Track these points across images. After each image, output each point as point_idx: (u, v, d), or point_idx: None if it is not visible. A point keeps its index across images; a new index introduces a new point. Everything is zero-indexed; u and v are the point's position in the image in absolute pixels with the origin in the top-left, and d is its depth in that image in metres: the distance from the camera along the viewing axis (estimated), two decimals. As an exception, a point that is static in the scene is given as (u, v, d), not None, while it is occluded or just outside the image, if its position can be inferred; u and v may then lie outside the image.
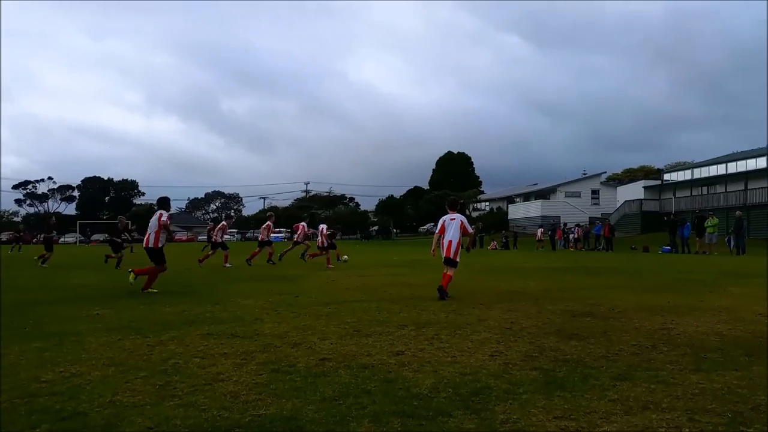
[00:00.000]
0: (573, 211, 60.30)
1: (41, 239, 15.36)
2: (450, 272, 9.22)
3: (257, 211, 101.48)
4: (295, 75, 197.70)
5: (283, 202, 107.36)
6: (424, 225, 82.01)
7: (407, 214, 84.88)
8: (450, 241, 9.22)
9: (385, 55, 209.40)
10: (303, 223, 21.40)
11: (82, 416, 3.47)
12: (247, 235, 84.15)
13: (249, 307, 8.31)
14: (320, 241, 18.86)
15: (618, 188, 63.03)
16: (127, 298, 9.56)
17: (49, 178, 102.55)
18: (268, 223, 20.59)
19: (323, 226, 19.46)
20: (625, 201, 54.09)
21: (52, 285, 12.08)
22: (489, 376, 4.32)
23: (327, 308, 8.08)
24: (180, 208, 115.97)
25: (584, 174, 70.67)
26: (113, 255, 18.81)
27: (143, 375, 4.43)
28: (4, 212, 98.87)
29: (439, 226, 9.44)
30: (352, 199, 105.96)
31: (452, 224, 9.29)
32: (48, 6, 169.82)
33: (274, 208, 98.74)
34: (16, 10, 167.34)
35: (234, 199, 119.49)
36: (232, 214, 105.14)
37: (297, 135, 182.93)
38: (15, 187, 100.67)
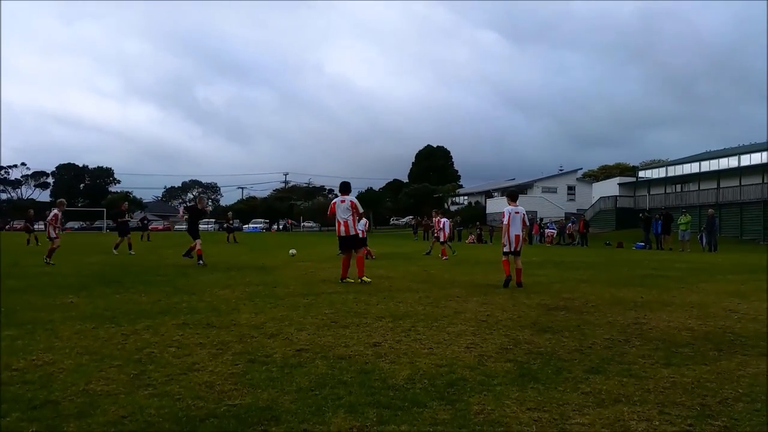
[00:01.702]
0: (549, 206, 60.93)
1: (58, 227, 15.16)
2: (520, 263, 9.91)
3: (236, 201, 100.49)
4: (272, 66, 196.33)
5: (262, 192, 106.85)
6: (402, 218, 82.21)
7: (386, 207, 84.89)
8: (517, 236, 9.87)
9: (362, 46, 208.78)
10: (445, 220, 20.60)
11: (54, 405, 3.43)
12: (225, 225, 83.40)
13: (225, 297, 8.26)
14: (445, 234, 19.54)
15: (593, 184, 63.84)
16: (101, 286, 9.43)
17: (22, 164, 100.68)
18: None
19: (445, 220, 20.15)
20: (601, 197, 54.82)
21: (24, 273, 11.86)
22: (464, 368, 4.36)
23: (304, 299, 8.07)
24: (156, 197, 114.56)
25: (561, 170, 71.46)
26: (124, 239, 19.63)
27: (117, 364, 4.38)
28: None
29: (510, 219, 9.87)
30: (331, 190, 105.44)
31: (517, 217, 9.89)
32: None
33: (252, 199, 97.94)
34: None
35: (212, 189, 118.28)
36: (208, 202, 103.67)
37: (276, 126, 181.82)
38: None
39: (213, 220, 75.92)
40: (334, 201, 10.42)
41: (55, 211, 15.25)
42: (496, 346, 5.17)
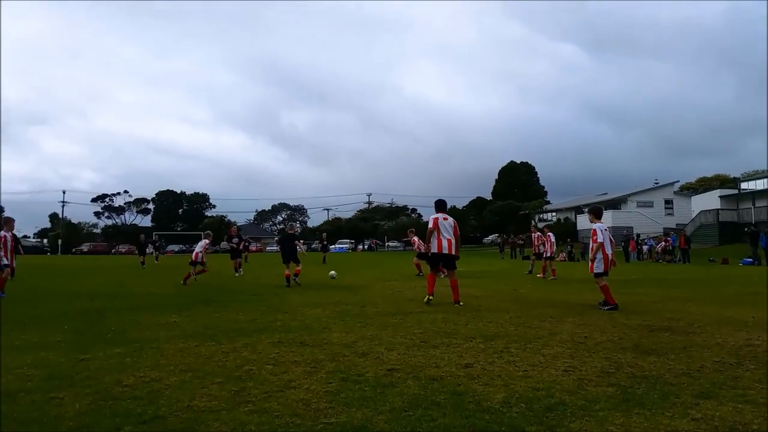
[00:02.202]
0: (646, 221, 57.95)
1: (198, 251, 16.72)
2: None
3: (322, 222, 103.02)
4: (352, 88, 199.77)
5: (346, 213, 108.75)
6: (487, 236, 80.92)
7: (470, 224, 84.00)
8: (611, 253, 9.59)
9: (439, 65, 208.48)
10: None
11: (162, 420, 3.60)
12: (312, 246, 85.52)
13: (316, 316, 8.43)
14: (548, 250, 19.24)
15: (693, 198, 60.13)
16: (201, 305, 9.90)
17: (125, 191, 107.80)
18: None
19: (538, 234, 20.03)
20: (701, 211, 51.55)
21: (130, 293, 12.67)
22: (563, 392, 4.18)
23: (393, 318, 8.09)
24: (249, 220, 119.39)
25: (656, 183, 67.87)
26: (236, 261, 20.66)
27: (219, 381, 4.56)
28: (85, 224, 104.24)
29: (603, 237, 9.52)
30: (414, 209, 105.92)
31: (606, 234, 9.61)
32: (110, 26, 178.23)
33: (337, 220, 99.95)
34: (87, 32, 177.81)
35: (299, 211, 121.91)
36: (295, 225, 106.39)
37: (358, 147, 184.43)
38: (93, 200, 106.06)
39: (302, 241, 78.02)
40: (435, 217, 10.11)
41: (206, 241, 17.29)
42: (597, 369, 4.93)
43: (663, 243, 37.46)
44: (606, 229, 9.63)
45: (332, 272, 16.91)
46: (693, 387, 4.33)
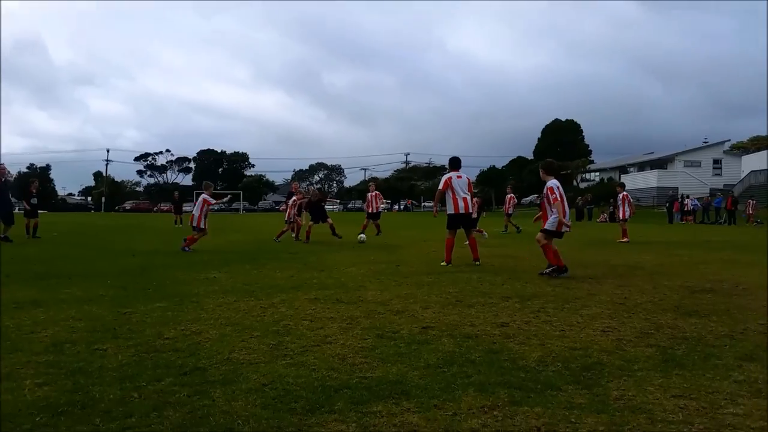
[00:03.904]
0: (692, 181, 56.16)
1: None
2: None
3: (358, 182, 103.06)
4: (393, 47, 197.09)
5: (383, 173, 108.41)
6: (527, 196, 79.85)
7: (509, 184, 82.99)
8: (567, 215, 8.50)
9: (485, 20, 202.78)
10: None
11: (202, 371, 3.70)
12: (349, 205, 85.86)
13: (352, 274, 8.51)
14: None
15: (743, 157, 57.77)
16: (239, 263, 10.10)
17: (167, 150, 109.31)
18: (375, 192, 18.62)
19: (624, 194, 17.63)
20: (751, 171, 49.59)
21: (170, 250, 12.99)
22: (601, 352, 4.13)
23: (428, 278, 8.10)
24: (286, 179, 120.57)
25: (705, 142, 65.50)
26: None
27: (257, 335, 4.66)
28: (128, 182, 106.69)
29: (558, 193, 8.32)
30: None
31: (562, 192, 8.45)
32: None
33: (374, 179, 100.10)
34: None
35: (336, 171, 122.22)
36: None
37: (397, 107, 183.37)
38: (136, 159, 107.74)
39: (337, 200, 78.42)
40: (449, 176, 9.73)
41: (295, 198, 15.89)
42: (636, 330, 4.84)
43: (697, 203, 36.25)
44: (559, 187, 8.42)
45: (362, 236, 16.00)
46: (735, 349, 4.22)
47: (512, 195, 21.90)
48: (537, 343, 4.42)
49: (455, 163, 10.12)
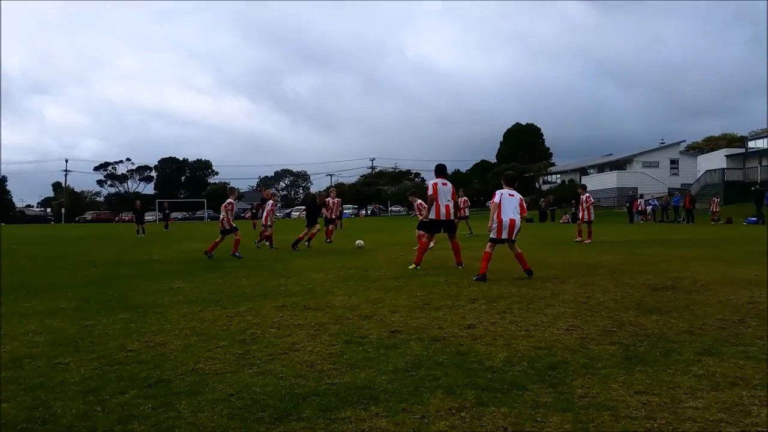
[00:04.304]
0: (651, 181, 57.65)
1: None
2: (518, 249, 8.66)
3: (325, 188, 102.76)
4: (354, 51, 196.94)
5: (350, 179, 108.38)
6: (491, 200, 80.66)
7: (474, 188, 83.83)
8: (513, 221, 8.44)
9: (443, 26, 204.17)
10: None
11: (167, 383, 3.63)
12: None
13: (320, 280, 8.46)
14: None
15: (698, 157, 59.60)
16: (204, 272, 9.94)
17: (128, 159, 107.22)
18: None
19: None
20: (707, 171, 51.18)
21: (133, 260, 12.73)
22: (565, 351, 4.21)
23: (396, 282, 8.11)
24: (252, 186, 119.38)
25: (662, 143, 67.30)
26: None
27: (223, 344, 4.59)
28: (88, 193, 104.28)
29: (501, 200, 8.46)
30: (417, 174, 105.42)
31: (512, 201, 8.55)
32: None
33: (340, 185, 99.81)
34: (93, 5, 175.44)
35: (302, 177, 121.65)
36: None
37: (360, 112, 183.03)
38: (96, 168, 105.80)
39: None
40: (435, 182, 9.81)
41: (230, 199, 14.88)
42: (599, 328, 4.94)
43: (656, 203, 37.16)
44: (511, 195, 8.52)
45: (359, 241, 15.66)
46: (695, 344, 4.34)
47: (465, 198, 22.27)
48: (503, 343, 4.47)
49: (441, 170, 10.18)
